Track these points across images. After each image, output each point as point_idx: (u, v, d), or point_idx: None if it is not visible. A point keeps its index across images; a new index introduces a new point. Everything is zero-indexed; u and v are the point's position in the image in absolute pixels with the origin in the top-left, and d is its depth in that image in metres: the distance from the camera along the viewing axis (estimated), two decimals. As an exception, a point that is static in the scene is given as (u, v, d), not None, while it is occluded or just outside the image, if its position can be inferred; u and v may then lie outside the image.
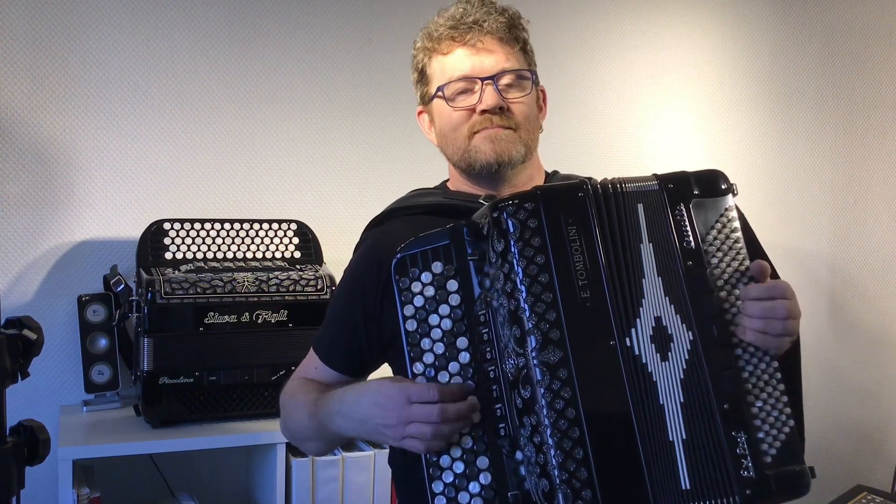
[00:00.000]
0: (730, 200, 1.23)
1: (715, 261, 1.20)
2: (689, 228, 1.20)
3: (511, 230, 1.17)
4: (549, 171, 1.53)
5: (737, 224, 1.22)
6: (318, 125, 2.50)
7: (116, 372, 2.16)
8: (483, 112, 1.37)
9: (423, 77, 1.46)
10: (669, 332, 1.17)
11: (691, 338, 1.17)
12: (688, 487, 1.14)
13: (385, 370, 1.46)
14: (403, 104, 2.56)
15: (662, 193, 1.22)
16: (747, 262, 1.21)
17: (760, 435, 1.16)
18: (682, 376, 1.16)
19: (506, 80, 1.38)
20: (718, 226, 1.22)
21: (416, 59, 1.46)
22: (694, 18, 2.95)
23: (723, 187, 1.23)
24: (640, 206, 1.21)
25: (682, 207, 1.21)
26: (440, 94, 1.41)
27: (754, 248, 1.28)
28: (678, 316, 1.18)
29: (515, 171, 1.41)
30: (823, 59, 3.12)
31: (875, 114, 3.19)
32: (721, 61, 2.99)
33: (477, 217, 1.23)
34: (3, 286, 2.19)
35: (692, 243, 1.20)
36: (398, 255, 1.23)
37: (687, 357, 1.17)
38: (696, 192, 1.22)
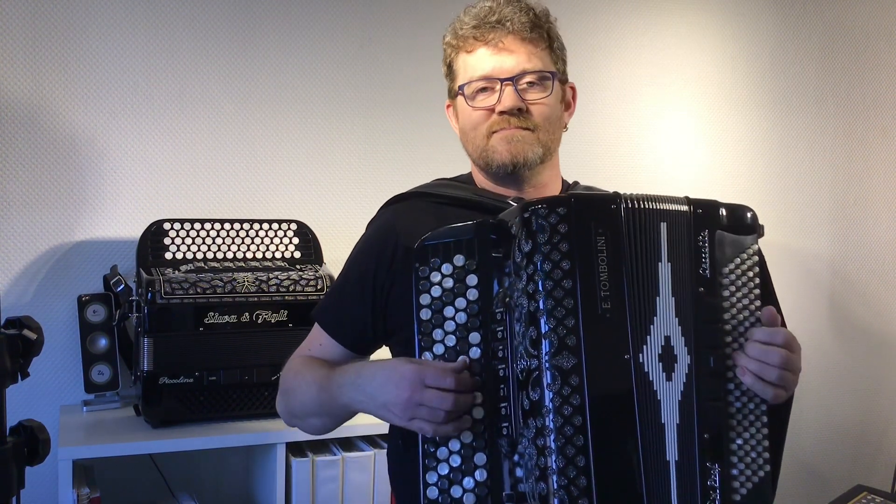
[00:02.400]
0: (755, 240, 1.23)
1: (727, 293, 1.20)
2: (707, 256, 1.20)
3: (540, 232, 1.16)
4: (570, 181, 1.53)
5: (756, 264, 1.22)
6: (318, 125, 2.50)
7: (116, 372, 2.16)
8: (502, 113, 1.37)
9: (450, 72, 1.46)
10: (675, 352, 1.18)
11: (689, 362, 1.18)
12: None
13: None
14: (403, 104, 2.56)
15: (689, 217, 1.21)
16: (758, 303, 1.20)
17: (735, 472, 1.16)
18: (679, 398, 1.17)
19: (526, 80, 1.38)
20: (738, 261, 1.21)
21: (445, 54, 1.46)
22: (694, 18, 2.95)
23: (750, 225, 1.23)
24: (664, 225, 1.20)
25: (706, 234, 1.21)
26: (461, 92, 1.41)
27: (767, 294, 1.26)
28: (683, 338, 1.18)
29: (534, 172, 1.41)
30: (823, 59, 3.12)
31: (875, 114, 3.19)
32: (721, 61, 2.99)
33: (505, 216, 1.23)
34: (3, 286, 2.19)
35: (708, 271, 1.20)
36: (421, 243, 1.23)
37: (685, 380, 1.17)
38: (723, 224, 1.22)
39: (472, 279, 1.21)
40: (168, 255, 2.15)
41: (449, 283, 1.21)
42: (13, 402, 1.18)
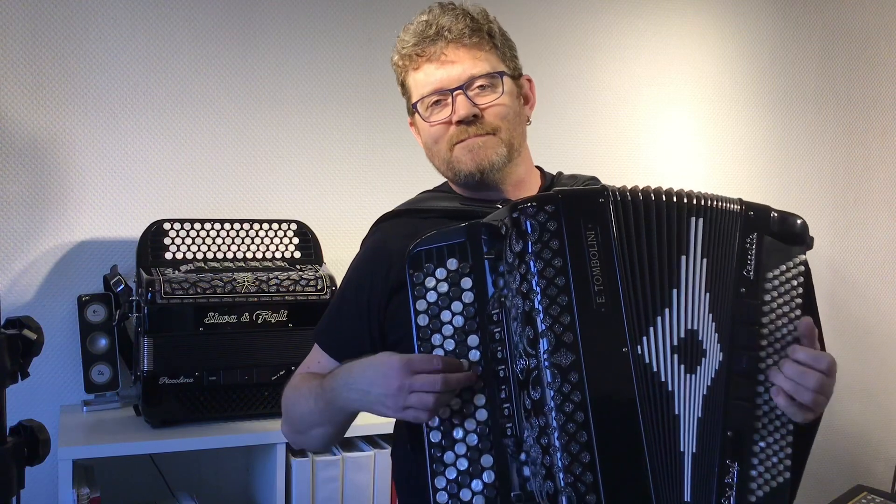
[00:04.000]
0: (803, 251, 1.23)
1: (768, 298, 1.20)
2: (753, 259, 1.21)
3: (530, 231, 1.16)
4: (553, 172, 1.53)
5: (802, 275, 1.22)
6: (318, 125, 2.50)
7: (116, 372, 2.16)
8: (458, 123, 1.37)
9: (405, 90, 1.47)
10: (704, 347, 1.18)
11: (721, 359, 1.18)
12: (689, 500, 1.15)
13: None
14: (403, 104, 2.54)
15: (739, 217, 1.22)
16: (798, 313, 1.21)
17: (754, 473, 1.17)
18: (705, 392, 1.17)
19: (476, 85, 1.38)
20: (783, 268, 1.22)
21: (396, 73, 1.47)
22: (694, 18, 2.95)
23: (800, 235, 1.24)
24: (699, 221, 1.21)
25: (754, 237, 1.21)
26: (416, 110, 1.43)
27: (809, 307, 1.26)
28: (716, 335, 1.19)
29: (504, 173, 1.40)
30: (823, 59, 3.12)
31: (875, 114, 3.19)
32: (721, 61, 2.99)
33: (494, 217, 1.23)
34: (3, 286, 2.19)
35: (752, 274, 1.20)
36: (414, 250, 1.23)
37: (713, 376, 1.18)
38: (773, 230, 1.23)
39: (466, 282, 1.22)
40: (168, 255, 2.15)
41: (444, 287, 1.22)
42: (13, 402, 1.18)
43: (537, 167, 1.52)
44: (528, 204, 1.17)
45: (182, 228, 2.18)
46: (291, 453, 2.02)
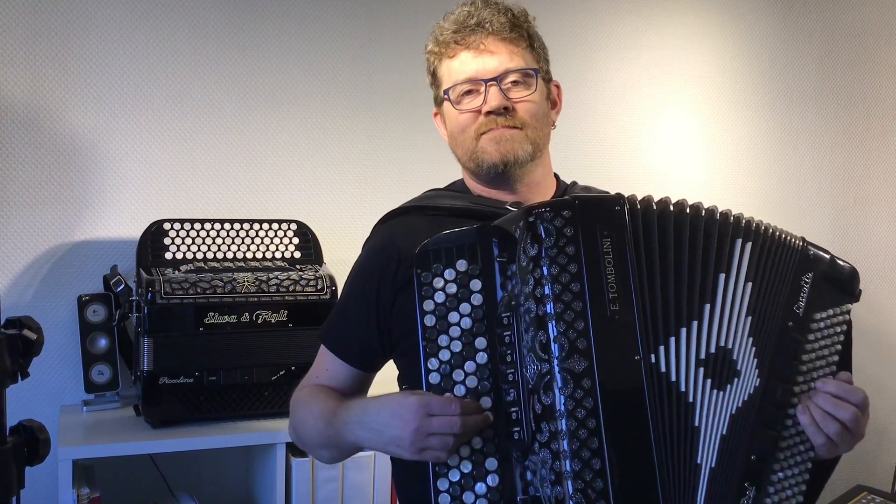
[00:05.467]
0: (851, 301, 1.24)
1: (811, 338, 1.22)
2: (805, 297, 1.22)
3: (545, 236, 1.15)
4: (568, 181, 1.53)
5: (846, 323, 1.23)
6: (318, 125, 2.50)
7: (116, 372, 2.16)
8: (488, 113, 1.37)
9: (435, 79, 1.46)
10: (738, 367, 1.18)
11: (757, 384, 1.18)
12: None
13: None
14: (404, 104, 2.56)
15: (797, 254, 1.24)
16: (836, 358, 1.22)
17: (768, 501, 1.17)
18: (733, 412, 1.18)
19: (510, 79, 1.38)
20: (831, 312, 1.23)
21: (428, 63, 1.47)
22: (694, 18, 2.95)
23: (851, 285, 1.25)
24: (747, 245, 1.21)
25: (811, 277, 1.23)
26: (447, 97, 1.41)
27: (846, 363, 1.27)
28: (755, 360, 1.19)
29: (525, 170, 1.40)
30: (823, 59, 3.12)
31: (875, 114, 3.19)
32: (721, 61, 2.99)
33: (507, 220, 1.22)
34: (3, 286, 2.19)
35: (801, 311, 1.21)
36: (422, 249, 1.22)
37: (745, 398, 1.18)
38: (828, 275, 1.24)
39: (476, 284, 1.21)
40: (168, 255, 2.15)
41: (453, 288, 1.21)
42: (13, 402, 1.18)
43: (554, 174, 1.52)
44: (545, 209, 1.17)
45: (182, 228, 2.18)
46: (291, 453, 2.02)
